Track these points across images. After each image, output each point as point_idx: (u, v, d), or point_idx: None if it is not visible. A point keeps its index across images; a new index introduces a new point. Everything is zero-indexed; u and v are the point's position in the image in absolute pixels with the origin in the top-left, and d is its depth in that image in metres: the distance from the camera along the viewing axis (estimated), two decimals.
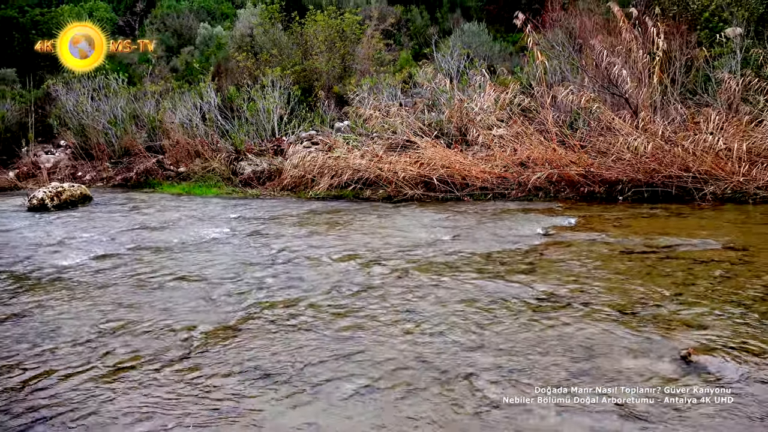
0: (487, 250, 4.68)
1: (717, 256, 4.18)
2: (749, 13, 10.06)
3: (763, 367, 2.45)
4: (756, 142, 6.82)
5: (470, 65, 10.19)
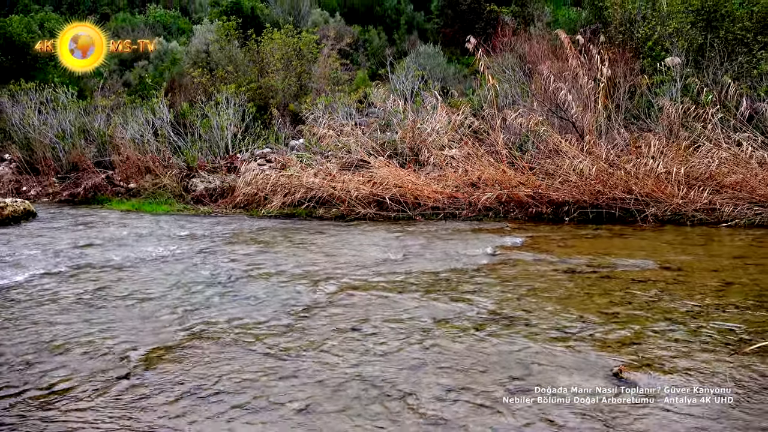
0: (436, 269, 4.74)
1: (654, 276, 4.34)
2: (689, 44, 10.55)
3: (691, 382, 2.56)
4: (693, 167, 7.14)
5: (424, 86, 10.37)
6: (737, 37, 10.53)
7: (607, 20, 12.52)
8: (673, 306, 3.61)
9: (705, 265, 4.73)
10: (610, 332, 3.20)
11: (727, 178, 6.92)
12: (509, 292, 4.04)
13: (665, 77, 9.21)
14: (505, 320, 3.45)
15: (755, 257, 4.96)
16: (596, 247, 5.49)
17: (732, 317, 3.37)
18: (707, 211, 6.60)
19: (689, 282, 4.17)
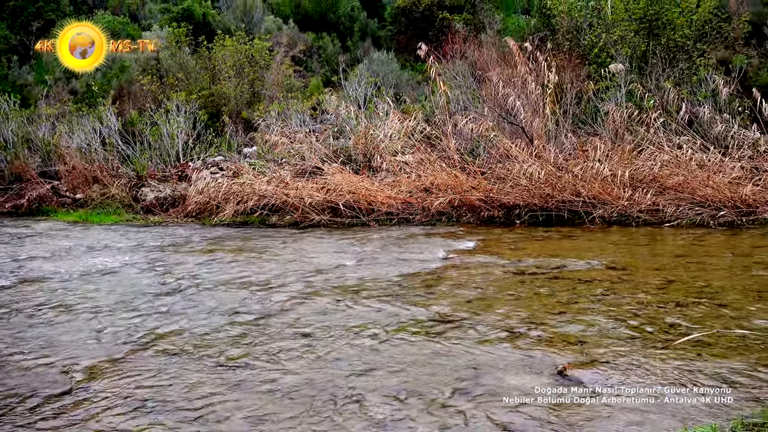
0: (389, 274, 4.77)
1: (600, 276, 4.46)
2: (632, 51, 10.91)
3: (631, 377, 2.63)
4: (638, 169, 7.36)
5: (377, 93, 10.41)
6: (678, 44, 10.94)
7: (554, 28, 12.83)
8: (617, 304, 3.72)
9: (648, 264, 4.89)
10: (556, 331, 3.28)
11: (670, 179, 7.16)
12: (460, 295, 4.09)
13: (610, 83, 9.48)
14: (456, 323, 3.50)
15: (695, 255, 5.15)
16: (546, 249, 5.61)
17: (672, 313, 3.49)
18: (651, 212, 6.82)
19: (633, 281, 4.30)
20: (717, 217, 6.52)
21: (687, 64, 10.42)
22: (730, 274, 4.42)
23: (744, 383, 2.53)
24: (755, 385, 2.50)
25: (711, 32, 11.41)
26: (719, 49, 11.97)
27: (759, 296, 3.78)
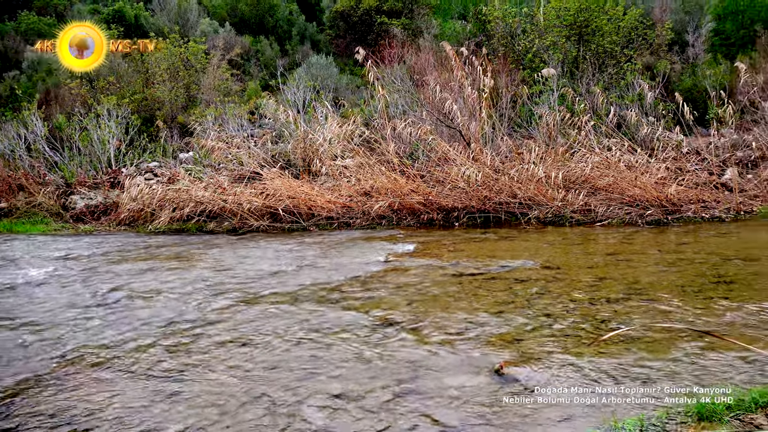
0: (329, 279, 4.74)
1: (535, 275, 4.57)
2: (564, 56, 11.26)
3: (565, 373, 2.71)
4: (570, 171, 7.60)
5: (317, 97, 10.37)
6: (606, 50, 11.38)
7: (490, 33, 13.13)
8: (552, 303, 3.82)
9: (581, 263, 5.05)
10: (493, 331, 3.34)
11: (600, 180, 7.43)
12: (400, 297, 4.11)
13: (544, 87, 9.77)
14: (396, 326, 3.51)
15: (625, 253, 5.35)
16: (484, 250, 5.71)
17: (603, 310, 3.62)
18: (584, 212, 7.05)
19: (567, 279, 4.43)
20: (645, 216, 6.81)
21: (615, 69, 10.85)
22: (657, 271, 4.61)
23: (669, 375, 2.64)
24: (680, 377, 2.62)
25: (637, 39, 11.93)
26: (645, 55, 12.53)
27: (683, 291, 3.95)
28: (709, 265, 4.68)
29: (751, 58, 10.71)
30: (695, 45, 13.87)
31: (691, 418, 2.22)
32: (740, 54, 11.80)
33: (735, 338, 2.97)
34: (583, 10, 11.41)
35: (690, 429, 2.17)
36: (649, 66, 12.01)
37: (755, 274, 4.37)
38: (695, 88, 11.35)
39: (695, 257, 5.01)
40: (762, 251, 5.29)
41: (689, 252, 5.28)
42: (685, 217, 6.83)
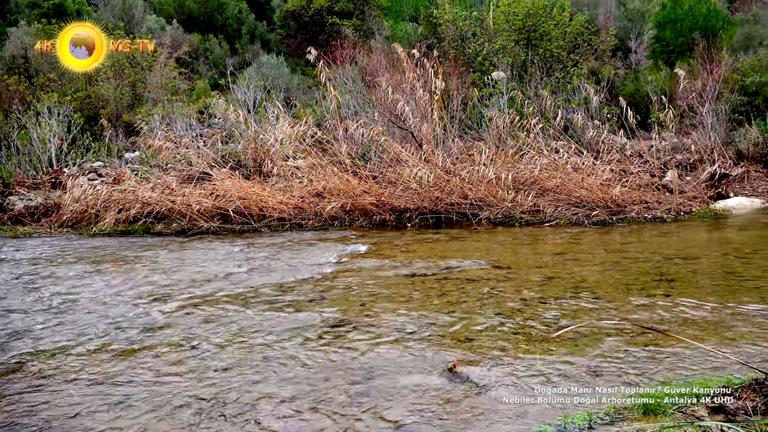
0: (281, 280, 4.70)
1: (486, 275, 4.64)
2: (513, 60, 11.47)
3: (517, 371, 2.76)
4: (520, 172, 7.75)
5: (267, 97, 10.26)
6: (554, 54, 11.65)
7: (441, 36, 13.26)
8: (502, 302, 3.88)
9: (531, 263, 5.15)
10: (446, 330, 3.37)
11: (549, 182, 7.60)
12: (353, 299, 4.10)
13: (493, 90, 9.93)
14: (349, 327, 3.50)
15: (572, 253, 5.48)
16: (436, 251, 5.76)
17: (552, 308, 3.70)
18: (533, 213, 7.20)
19: (517, 279, 4.51)
20: (591, 217, 7.00)
21: (562, 73, 11.12)
22: (603, 270, 4.74)
23: (616, 370, 2.72)
24: (626, 372, 2.70)
25: (583, 44, 12.26)
26: (590, 60, 12.89)
27: (628, 289, 4.08)
28: (652, 263, 4.85)
29: (689, 64, 11.15)
30: (637, 51, 14.35)
31: (637, 411, 2.29)
32: (679, 61, 12.27)
33: (677, 333, 3.09)
34: (531, 15, 11.66)
35: (636, 422, 2.23)
36: (594, 71, 12.37)
37: (695, 273, 4.55)
38: (638, 92, 11.75)
39: (639, 256, 5.18)
40: (701, 250, 5.51)
41: (633, 251, 5.45)
42: (629, 218, 7.06)
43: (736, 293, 3.89)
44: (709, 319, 3.37)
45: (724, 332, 3.14)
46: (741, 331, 3.14)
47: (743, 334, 3.10)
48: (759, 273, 4.40)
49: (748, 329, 3.17)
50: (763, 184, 8.39)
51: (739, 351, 2.86)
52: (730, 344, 2.96)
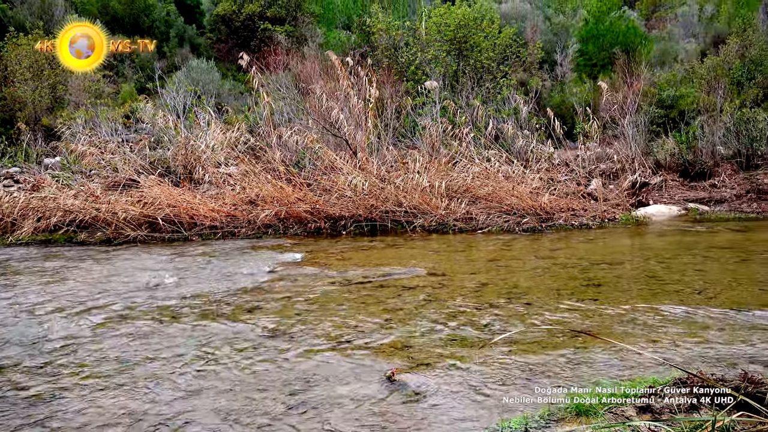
0: (213, 290, 4.58)
1: (422, 282, 4.68)
2: (445, 69, 11.68)
3: (454, 377, 2.78)
4: (453, 180, 7.88)
5: (198, 102, 10.02)
6: (484, 65, 11.94)
7: (374, 45, 13.35)
8: (438, 309, 3.92)
9: (465, 269, 5.23)
10: (384, 338, 3.37)
11: (481, 190, 7.76)
12: (289, 308, 4.04)
13: (426, 99, 10.06)
14: (285, 336, 3.45)
15: (504, 259, 5.61)
16: (372, 259, 5.76)
17: (486, 314, 3.76)
18: (466, 220, 7.33)
19: (452, 285, 4.57)
20: (521, 224, 7.19)
21: (492, 83, 11.40)
22: (534, 275, 4.87)
23: (550, 373, 2.79)
24: (559, 375, 2.77)
25: (511, 56, 12.63)
26: (519, 72, 13.29)
27: (558, 294, 4.21)
28: (580, 269, 5.02)
29: (611, 78, 11.67)
30: (563, 64, 14.91)
31: (570, 413, 2.35)
32: (602, 74, 12.82)
33: (606, 336, 3.20)
34: (462, 27, 11.91)
35: (569, 424, 2.30)
36: (523, 82, 12.75)
37: (619, 277, 4.74)
38: (564, 104, 12.19)
39: (567, 262, 5.35)
40: (624, 256, 5.75)
41: (562, 257, 5.63)
42: (557, 225, 7.29)
43: (658, 296, 4.08)
44: (635, 322, 3.51)
45: (649, 334, 3.29)
46: (664, 333, 3.29)
47: (666, 335, 3.26)
48: (678, 277, 4.64)
49: (671, 330, 3.33)
50: (680, 192, 8.86)
51: (663, 351, 2.99)
52: (654, 345, 3.10)
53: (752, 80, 10.96)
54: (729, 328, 3.33)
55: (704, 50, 14.33)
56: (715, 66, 11.09)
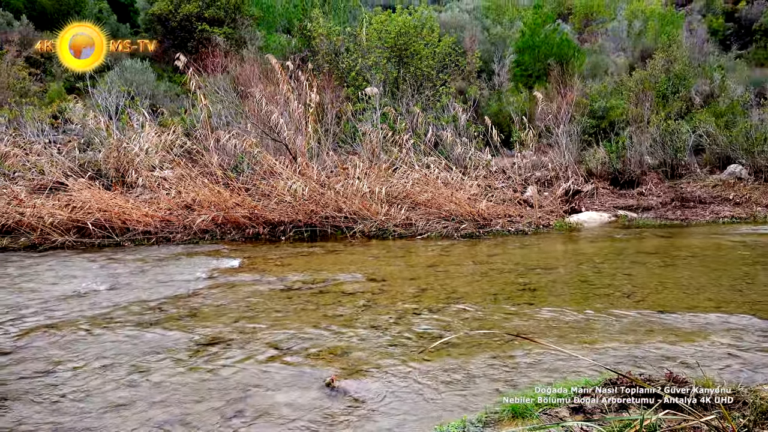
0: (147, 297, 4.43)
1: (362, 288, 4.67)
2: (385, 76, 11.75)
3: (393, 382, 2.79)
4: (393, 186, 7.92)
5: (131, 103, 9.71)
6: (424, 73, 12.09)
7: (315, 49, 13.29)
8: (378, 314, 3.93)
9: (405, 275, 5.26)
10: (323, 345, 3.34)
11: (420, 196, 7.83)
12: (226, 315, 3.96)
13: (367, 105, 10.10)
14: (222, 344, 3.37)
15: (443, 264, 5.68)
16: (311, 264, 5.72)
17: (426, 320, 3.80)
18: (405, 226, 7.38)
19: (392, 291, 4.59)
20: (460, 230, 7.30)
21: (432, 91, 11.55)
22: (473, 280, 4.95)
23: (487, 376, 2.84)
24: (497, 378, 2.82)
25: (451, 64, 12.84)
26: (457, 80, 13.53)
27: (495, 299, 4.29)
28: (516, 274, 5.14)
29: (546, 88, 12.03)
30: (500, 74, 15.26)
31: (507, 415, 2.40)
32: (537, 84, 13.20)
33: (541, 339, 3.29)
34: (403, 34, 12.02)
35: (506, 426, 2.34)
36: (462, 90, 12.98)
37: (554, 282, 4.88)
38: (501, 112, 12.48)
39: (504, 267, 5.47)
40: (558, 261, 5.93)
41: (499, 263, 5.75)
42: (495, 231, 7.44)
43: (590, 300, 4.22)
44: (569, 325, 3.62)
45: (582, 336, 3.40)
46: (596, 335, 3.41)
47: (598, 337, 3.37)
48: (608, 281, 4.81)
49: (602, 332, 3.45)
50: (610, 199, 9.21)
51: (595, 353, 3.09)
52: (587, 347, 3.20)
53: (676, 94, 11.53)
54: (656, 330, 3.48)
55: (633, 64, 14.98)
56: (642, 79, 11.60)
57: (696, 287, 4.50)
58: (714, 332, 3.41)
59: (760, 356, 3.00)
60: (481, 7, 20.09)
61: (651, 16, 17.72)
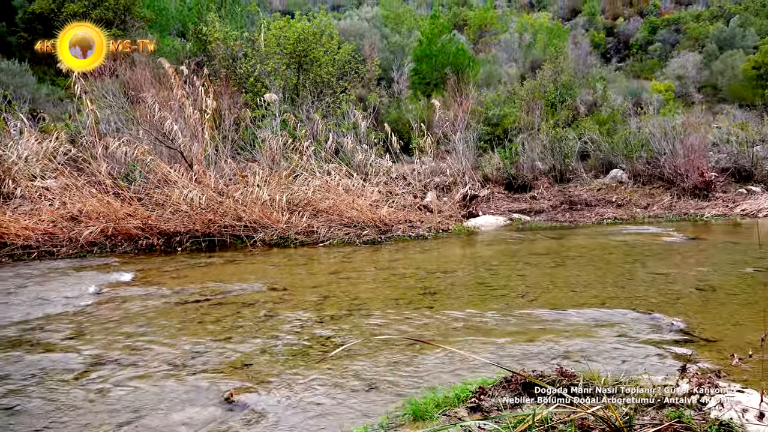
0: (26, 317, 4.11)
1: (263, 298, 4.58)
2: (285, 83, 11.64)
3: (295, 392, 2.74)
4: (294, 194, 7.84)
5: (9, 108, 9.02)
6: (324, 79, 12.09)
7: (211, 54, 12.95)
8: (280, 324, 3.86)
9: (306, 283, 5.21)
10: (222, 358, 3.24)
11: (322, 203, 7.80)
12: (117, 332, 3.75)
13: (266, 112, 9.95)
14: (112, 364, 3.18)
15: (345, 271, 5.68)
16: (209, 275, 5.54)
17: (328, 327, 3.77)
18: (307, 234, 7.32)
19: (293, 300, 4.53)
20: (362, 236, 7.34)
21: (332, 98, 11.57)
22: (375, 286, 4.98)
23: (389, 382, 2.85)
24: (398, 382, 2.84)
25: (351, 72, 12.92)
26: (357, 87, 13.63)
27: (397, 303, 4.34)
28: (417, 278, 5.23)
29: (443, 96, 12.37)
30: (399, 82, 15.54)
31: (408, 419, 2.42)
32: (435, 92, 13.57)
33: (441, 342, 3.35)
34: (302, 41, 11.97)
35: (407, 429, 2.36)
36: (362, 98, 13.10)
37: (453, 285, 5.00)
38: (400, 120, 12.71)
39: (405, 272, 5.55)
40: (457, 264, 6.09)
41: (400, 268, 5.82)
42: (396, 236, 7.54)
43: (487, 301, 4.36)
44: (468, 326, 3.72)
45: (480, 337, 3.49)
46: (493, 335, 3.52)
47: (495, 337, 3.48)
48: (504, 282, 4.99)
49: (499, 332, 3.57)
50: (505, 203, 9.60)
51: (492, 353, 3.19)
52: (485, 347, 3.30)
53: (563, 102, 12.22)
54: (548, 328, 3.64)
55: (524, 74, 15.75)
56: (532, 89, 12.21)
57: (584, 285, 4.76)
58: (600, 327, 3.62)
59: (639, 348, 3.22)
60: (380, 16, 20.41)
61: (540, 30, 18.71)
